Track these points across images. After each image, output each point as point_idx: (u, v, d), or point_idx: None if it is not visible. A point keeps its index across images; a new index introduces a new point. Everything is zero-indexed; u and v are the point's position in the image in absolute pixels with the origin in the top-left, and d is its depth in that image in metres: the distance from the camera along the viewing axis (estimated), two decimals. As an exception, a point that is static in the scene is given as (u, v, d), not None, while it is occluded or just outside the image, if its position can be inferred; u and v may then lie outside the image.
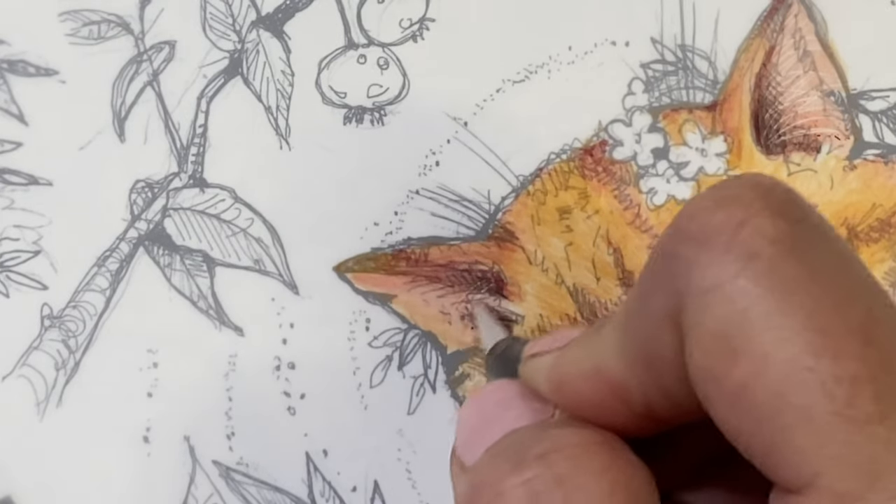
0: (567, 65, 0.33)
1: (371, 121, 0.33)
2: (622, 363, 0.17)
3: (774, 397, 0.14)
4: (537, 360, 0.20)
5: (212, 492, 0.32)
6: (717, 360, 0.15)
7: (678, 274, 0.15)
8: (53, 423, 0.33)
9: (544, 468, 0.16)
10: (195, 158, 0.34)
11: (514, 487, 0.16)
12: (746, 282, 0.15)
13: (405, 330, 0.32)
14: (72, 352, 0.33)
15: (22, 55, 0.35)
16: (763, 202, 0.15)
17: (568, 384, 0.18)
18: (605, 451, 0.17)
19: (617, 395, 0.17)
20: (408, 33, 0.33)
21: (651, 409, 0.17)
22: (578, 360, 0.18)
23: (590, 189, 0.32)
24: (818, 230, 0.15)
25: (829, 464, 0.14)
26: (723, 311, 0.15)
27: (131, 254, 0.33)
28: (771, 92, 0.32)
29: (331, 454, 0.32)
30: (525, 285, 0.32)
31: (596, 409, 0.18)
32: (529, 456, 0.17)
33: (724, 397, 0.15)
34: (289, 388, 0.32)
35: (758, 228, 0.15)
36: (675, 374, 0.16)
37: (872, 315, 0.15)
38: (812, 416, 0.14)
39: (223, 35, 0.34)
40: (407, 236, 0.32)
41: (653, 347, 0.16)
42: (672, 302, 0.16)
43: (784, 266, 0.15)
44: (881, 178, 0.32)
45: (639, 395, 0.17)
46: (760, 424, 0.14)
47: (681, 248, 0.16)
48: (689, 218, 0.16)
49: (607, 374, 0.17)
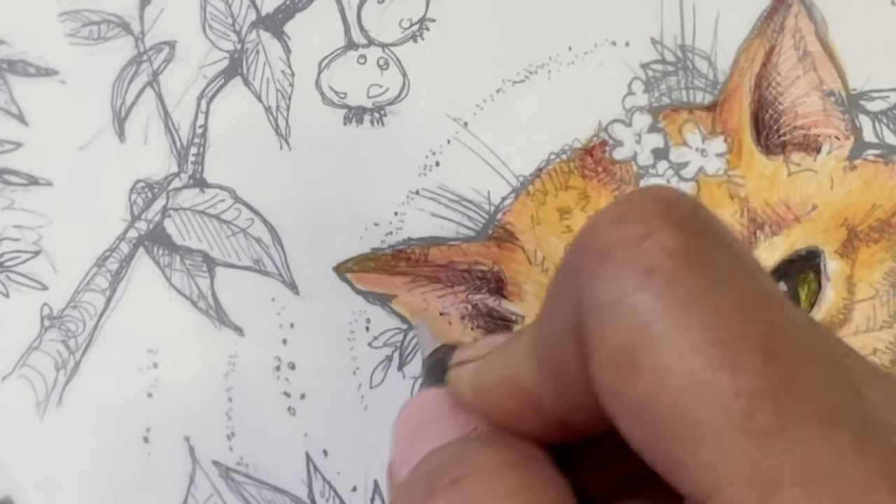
0: (567, 65, 0.33)
1: (371, 121, 0.33)
2: (534, 374, 0.17)
3: (676, 411, 0.14)
4: (462, 369, 0.20)
5: (212, 492, 0.32)
6: (619, 374, 0.15)
7: (581, 288, 0.15)
8: (53, 423, 0.33)
9: (455, 495, 0.16)
10: (195, 158, 0.34)
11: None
12: (646, 296, 0.15)
13: (405, 330, 0.32)
14: (72, 352, 0.33)
15: (22, 55, 0.35)
16: (664, 216, 0.15)
17: (486, 393, 0.19)
18: (517, 472, 0.17)
19: (530, 405, 0.18)
20: (408, 33, 0.33)
21: (564, 419, 0.17)
22: (496, 368, 0.19)
23: (590, 189, 0.32)
24: (720, 242, 0.15)
25: (730, 478, 0.14)
26: (623, 326, 0.15)
27: (131, 254, 0.33)
28: (771, 92, 0.32)
29: (331, 454, 0.32)
30: (525, 285, 0.32)
31: (513, 418, 0.18)
32: (441, 483, 0.17)
33: (628, 411, 0.15)
34: (289, 388, 0.32)
35: (658, 242, 0.15)
36: (582, 387, 0.16)
37: (774, 327, 0.15)
38: (712, 430, 0.14)
39: (223, 35, 0.34)
40: (407, 236, 0.32)
41: (559, 360, 0.16)
42: (575, 317, 0.16)
43: (684, 279, 0.15)
44: (881, 178, 0.32)
45: (551, 405, 0.17)
46: (664, 438, 0.14)
47: (582, 262, 0.16)
48: (591, 233, 0.16)
49: (521, 384, 0.18)
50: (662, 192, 0.16)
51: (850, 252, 0.31)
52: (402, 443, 0.20)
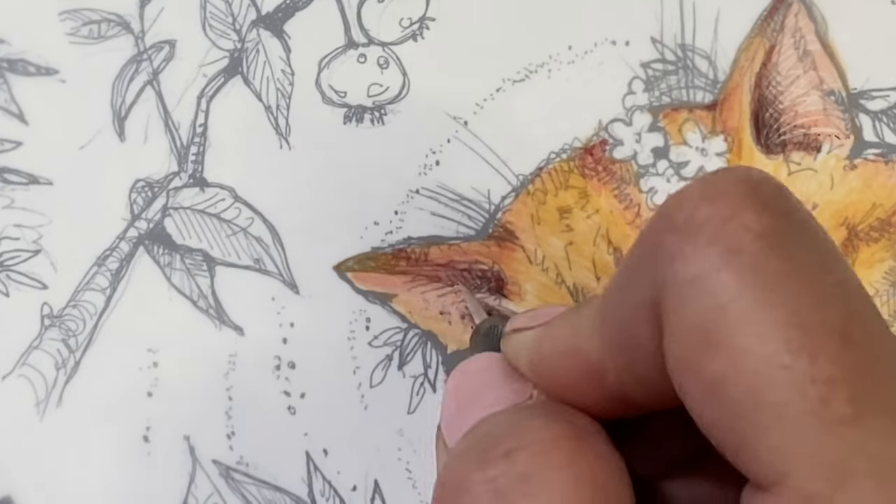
0: (567, 64, 0.33)
1: (371, 120, 0.33)
2: (599, 345, 0.17)
3: (750, 393, 0.14)
4: (519, 336, 0.20)
5: (212, 491, 0.32)
6: (695, 352, 0.15)
7: (661, 263, 0.15)
8: (53, 423, 0.33)
9: (508, 465, 0.16)
10: (195, 158, 0.34)
11: (479, 485, 0.16)
12: (729, 276, 0.15)
13: (405, 329, 0.32)
14: (72, 351, 0.33)
15: (22, 54, 0.35)
16: (751, 197, 0.15)
17: (546, 362, 0.19)
18: (572, 444, 0.17)
19: (592, 377, 0.17)
20: (408, 32, 0.33)
21: (626, 393, 0.17)
22: (558, 338, 0.18)
23: (590, 188, 0.32)
24: (804, 227, 0.15)
25: (799, 463, 0.14)
26: (703, 304, 0.15)
27: (131, 253, 0.33)
28: (771, 91, 0.32)
29: (331, 454, 0.32)
30: (525, 285, 0.32)
31: (572, 389, 0.18)
32: (495, 454, 0.17)
33: (700, 390, 0.15)
34: (289, 388, 0.32)
35: (743, 223, 0.15)
36: (651, 362, 0.16)
37: (853, 316, 0.15)
38: (785, 414, 0.14)
39: (223, 34, 0.34)
40: (407, 236, 0.32)
41: (630, 334, 0.16)
42: (652, 291, 0.16)
43: (767, 262, 0.15)
44: (881, 177, 0.32)
45: (614, 378, 0.17)
46: (734, 419, 0.14)
47: (665, 237, 0.15)
48: (675, 208, 0.16)
49: (584, 354, 0.17)
50: (750, 173, 0.16)
51: (850, 251, 0.31)
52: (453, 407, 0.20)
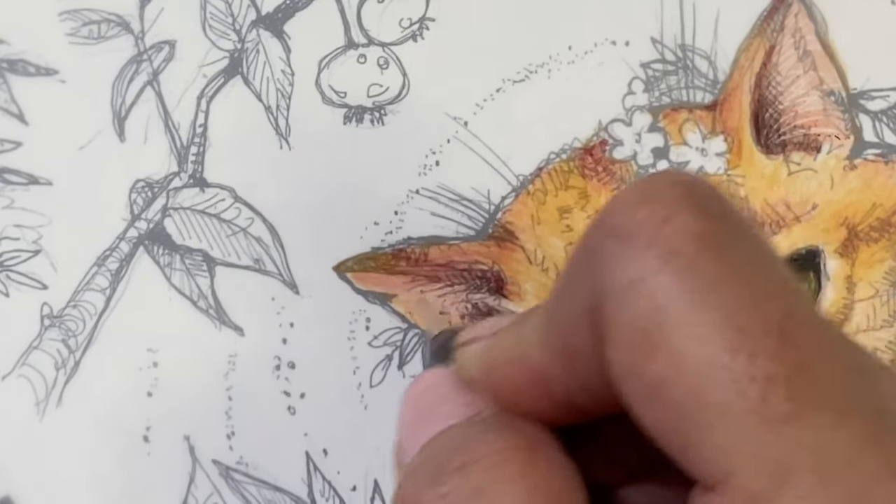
0: (567, 64, 0.33)
1: (371, 120, 0.33)
2: (544, 353, 0.17)
3: (690, 394, 0.14)
4: (468, 348, 0.20)
5: (212, 491, 0.32)
6: (635, 355, 0.15)
7: (598, 268, 0.15)
8: (53, 423, 0.33)
9: (462, 480, 0.16)
10: (195, 158, 0.34)
11: (432, 501, 0.16)
12: (667, 278, 0.15)
13: (405, 329, 0.32)
14: (72, 351, 0.33)
15: (22, 55, 0.35)
16: (686, 199, 0.15)
17: (495, 371, 0.19)
18: (524, 455, 0.17)
19: (539, 385, 0.17)
20: (408, 33, 0.33)
21: (573, 399, 0.17)
22: (504, 348, 0.18)
23: (590, 189, 0.32)
24: (739, 228, 0.15)
25: (742, 462, 0.14)
26: (642, 307, 0.15)
27: (131, 253, 0.33)
28: (771, 91, 0.32)
29: (331, 454, 0.32)
30: (525, 285, 0.32)
31: (521, 398, 0.18)
32: (448, 469, 0.17)
33: (642, 393, 0.15)
34: (289, 388, 0.32)
35: (680, 225, 0.15)
36: (594, 368, 0.16)
37: (790, 314, 0.15)
38: (726, 414, 0.14)
39: (223, 35, 0.34)
40: (407, 236, 0.32)
41: (572, 341, 0.16)
42: (592, 296, 0.16)
43: (705, 264, 0.15)
44: (881, 177, 0.32)
45: (559, 385, 0.17)
46: (677, 421, 0.14)
47: (602, 242, 0.16)
48: (611, 213, 0.16)
49: (530, 363, 0.18)
50: (682, 176, 0.16)
51: (850, 251, 0.31)
52: (408, 423, 0.20)
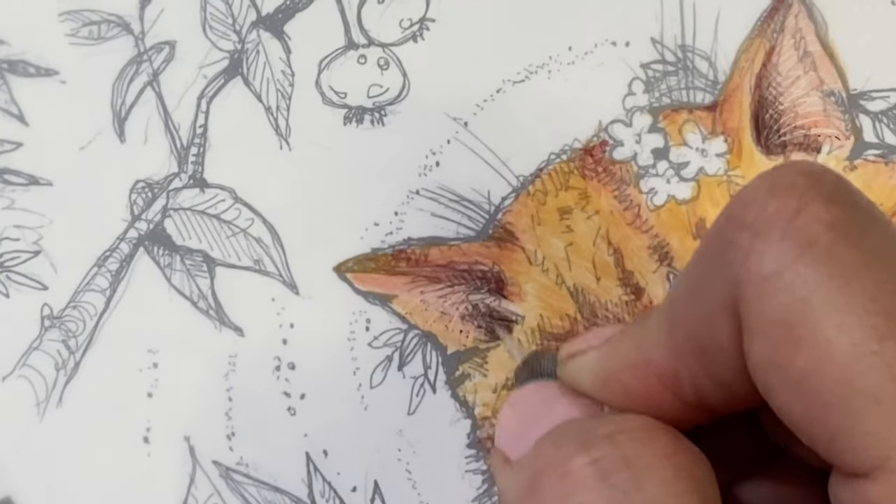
0: (567, 65, 0.33)
1: (371, 121, 0.33)
2: (671, 353, 0.17)
3: (840, 383, 0.14)
4: (579, 360, 0.20)
5: (212, 492, 0.32)
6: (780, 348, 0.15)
7: (734, 262, 0.15)
8: (53, 424, 0.33)
9: (612, 448, 0.16)
10: (195, 159, 0.34)
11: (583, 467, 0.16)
12: (806, 269, 0.15)
13: (405, 330, 0.32)
14: (72, 352, 0.33)
15: (22, 55, 0.35)
16: (816, 189, 0.15)
17: (615, 378, 0.18)
18: (670, 437, 0.17)
19: (666, 386, 0.17)
20: (408, 33, 0.33)
21: (702, 398, 0.17)
22: (624, 353, 0.18)
23: (590, 189, 0.32)
24: (870, 215, 0.15)
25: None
26: (783, 299, 0.15)
27: (131, 254, 0.33)
28: (771, 92, 0.32)
29: (331, 454, 0.32)
30: (525, 285, 0.32)
31: (645, 402, 0.18)
32: (597, 436, 0.17)
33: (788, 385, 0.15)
34: (289, 388, 0.32)
35: (813, 215, 0.15)
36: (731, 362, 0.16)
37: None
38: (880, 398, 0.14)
39: (223, 35, 0.34)
40: (407, 236, 0.32)
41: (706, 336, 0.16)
42: (728, 291, 0.16)
43: (842, 251, 0.15)
44: (881, 178, 0.32)
45: (689, 384, 0.17)
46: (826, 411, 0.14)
47: (737, 236, 0.15)
48: (743, 206, 0.16)
49: (656, 365, 0.17)
50: (810, 167, 0.16)
51: (851, 252, 0.31)
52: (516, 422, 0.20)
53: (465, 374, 0.32)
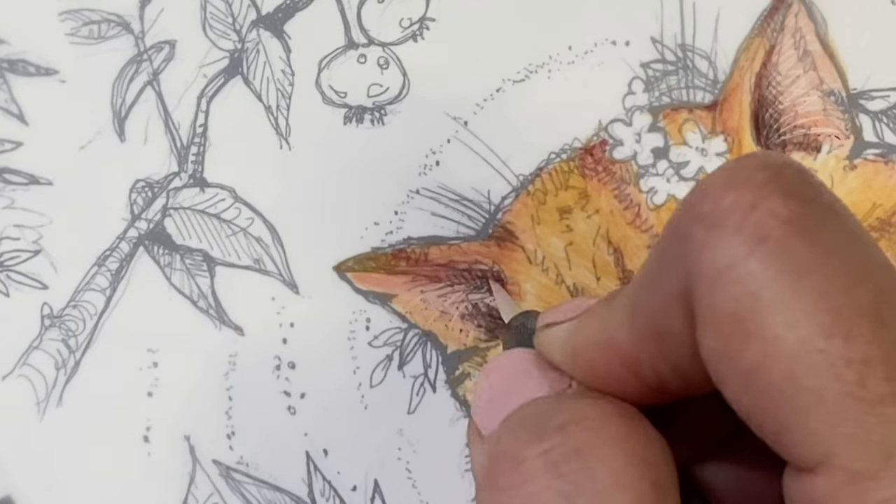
0: (567, 64, 0.33)
1: (371, 120, 0.33)
2: (632, 336, 0.17)
3: (786, 379, 0.14)
4: (552, 331, 0.20)
5: (212, 491, 0.32)
6: (729, 341, 0.15)
7: (688, 254, 0.15)
8: (53, 423, 0.33)
9: (563, 438, 0.16)
10: (195, 158, 0.34)
11: (534, 457, 0.16)
12: (757, 264, 0.15)
13: (405, 329, 0.32)
14: (72, 351, 0.33)
15: (22, 55, 0.35)
16: (774, 182, 0.15)
17: (581, 354, 0.19)
18: (623, 422, 0.17)
19: (628, 367, 0.17)
20: (408, 33, 0.33)
21: (662, 381, 0.17)
22: (591, 331, 0.18)
23: (590, 189, 0.32)
24: (830, 210, 0.15)
25: (842, 443, 0.14)
26: (734, 293, 0.15)
27: (131, 253, 0.33)
28: (771, 91, 0.32)
29: (331, 454, 0.32)
30: (525, 285, 0.32)
31: (608, 380, 0.18)
32: (549, 427, 0.17)
33: (737, 378, 0.15)
34: (289, 388, 0.32)
35: (769, 210, 0.15)
36: (685, 351, 0.16)
37: (883, 294, 0.15)
38: (824, 397, 0.14)
39: (223, 35, 0.34)
40: (407, 236, 0.32)
41: (662, 324, 0.16)
42: (682, 282, 0.16)
43: (795, 247, 0.15)
44: (881, 177, 0.32)
45: (649, 367, 0.17)
46: (773, 405, 0.14)
47: (692, 228, 0.15)
48: (700, 198, 0.16)
49: (618, 345, 0.18)
50: (770, 158, 0.16)
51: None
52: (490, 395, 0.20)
53: (465, 374, 0.32)
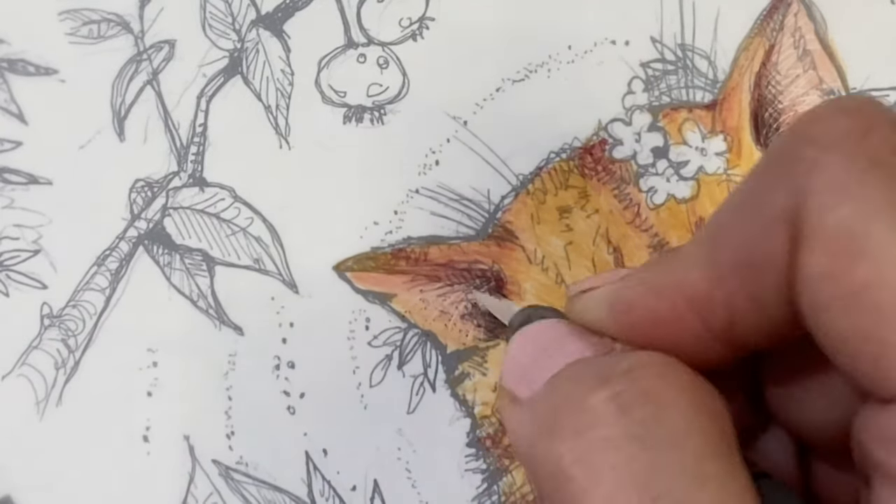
0: (567, 64, 0.33)
1: (371, 120, 0.33)
2: (708, 274, 0.17)
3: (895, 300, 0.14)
4: (592, 294, 0.19)
5: (211, 491, 0.32)
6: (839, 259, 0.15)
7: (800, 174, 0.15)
8: (53, 423, 0.33)
9: (631, 382, 0.16)
10: (195, 157, 0.34)
11: (603, 401, 0.16)
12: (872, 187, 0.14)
13: (405, 329, 0.32)
14: (71, 351, 0.33)
15: (22, 54, 0.35)
16: (884, 115, 0.15)
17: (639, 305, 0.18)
18: (689, 372, 0.16)
19: (697, 310, 0.17)
20: (407, 32, 0.33)
21: (733, 325, 0.17)
22: (651, 280, 0.18)
23: (590, 188, 0.32)
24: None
25: None
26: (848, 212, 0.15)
27: (131, 253, 0.33)
28: (771, 91, 0.32)
29: (330, 454, 0.32)
30: (525, 284, 0.32)
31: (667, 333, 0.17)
32: (616, 371, 0.16)
33: (841, 298, 0.15)
34: (288, 388, 0.32)
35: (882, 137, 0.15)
36: (777, 279, 0.16)
37: None
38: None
39: (223, 34, 0.34)
40: (407, 235, 0.32)
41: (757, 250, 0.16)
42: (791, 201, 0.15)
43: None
44: (881, 177, 0.32)
45: (722, 308, 0.17)
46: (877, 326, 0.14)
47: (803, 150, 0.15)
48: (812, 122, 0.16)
49: (690, 287, 0.17)
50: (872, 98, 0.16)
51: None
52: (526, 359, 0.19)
53: (464, 373, 0.32)
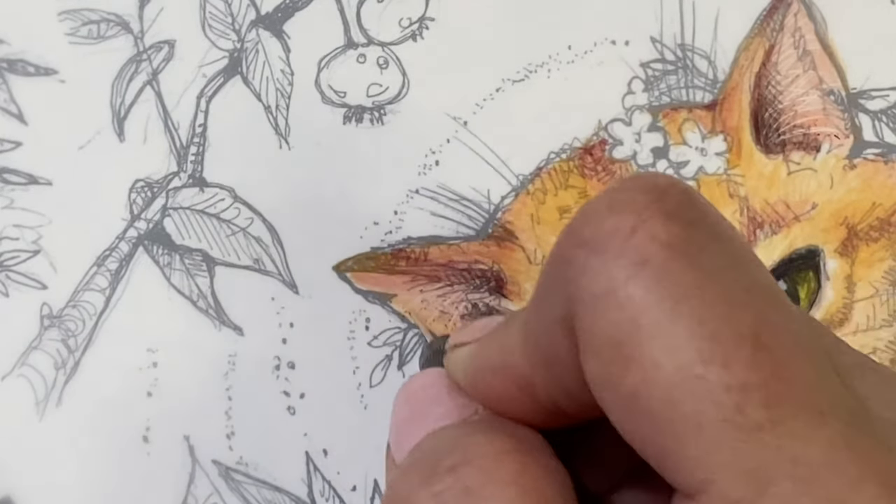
0: (567, 64, 0.33)
1: (371, 120, 0.33)
2: (526, 360, 0.17)
3: (666, 405, 0.14)
4: (458, 352, 0.20)
5: (211, 491, 0.32)
6: (610, 367, 0.15)
7: (570, 279, 0.15)
8: (53, 423, 0.33)
9: (454, 480, 0.16)
10: (195, 158, 0.34)
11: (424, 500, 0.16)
12: (637, 288, 0.14)
13: (405, 329, 0.32)
14: (71, 351, 0.33)
15: (21, 54, 0.35)
16: (656, 205, 0.15)
17: (480, 377, 0.19)
18: (517, 459, 0.17)
19: (524, 391, 0.17)
20: (407, 32, 0.33)
21: (557, 405, 0.17)
22: (488, 354, 0.18)
23: (590, 188, 0.32)
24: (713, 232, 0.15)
25: (720, 471, 0.14)
26: (614, 318, 0.15)
27: (131, 253, 0.33)
28: (770, 91, 0.32)
29: (331, 454, 0.32)
30: (525, 284, 0.32)
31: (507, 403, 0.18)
32: (441, 468, 0.17)
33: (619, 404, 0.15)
34: (288, 388, 0.32)
35: (649, 233, 0.15)
36: (574, 375, 0.16)
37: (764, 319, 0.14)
38: (702, 423, 0.14)
39: (223, 34, 0.34)
40: (407, 235, 0.32)
41: (550, 350, 0.16)
42: (565, 307, 0.15)
43: (675, 271, 0.14)
44: (881, 177, 0.32)
45: (543, 392, 0.17)
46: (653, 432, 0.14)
47: (573, 252, 0.15)
48: (582, 222, 0.16)
49: (514, 369, 0.17)
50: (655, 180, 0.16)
51: (850, 251, 0.31)
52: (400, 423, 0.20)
53: (464, 373, 0.32)
